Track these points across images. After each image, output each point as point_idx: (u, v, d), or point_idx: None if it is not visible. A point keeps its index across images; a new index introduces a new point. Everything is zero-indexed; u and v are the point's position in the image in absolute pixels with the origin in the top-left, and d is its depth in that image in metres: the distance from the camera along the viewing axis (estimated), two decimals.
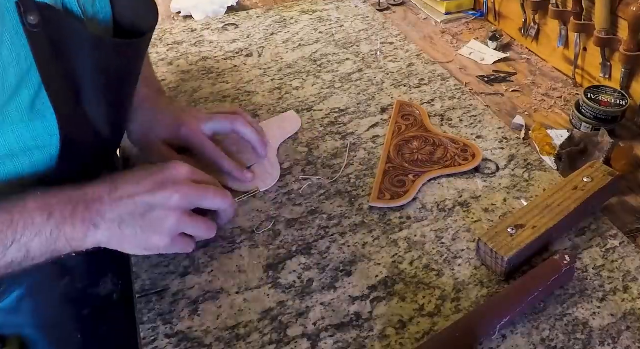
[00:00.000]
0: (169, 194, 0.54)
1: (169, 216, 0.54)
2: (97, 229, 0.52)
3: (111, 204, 0.53)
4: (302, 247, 0.62)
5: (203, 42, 1.04)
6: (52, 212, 0.50)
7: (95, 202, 0.53)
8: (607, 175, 0.64)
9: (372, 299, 0.57)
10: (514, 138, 0.77)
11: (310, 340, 0.53)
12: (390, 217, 0.66)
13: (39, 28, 0.47)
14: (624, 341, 0.52)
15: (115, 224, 0.53)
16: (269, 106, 0.86)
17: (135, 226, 0.53)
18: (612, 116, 0.77)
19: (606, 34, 0.80)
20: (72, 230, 0.51)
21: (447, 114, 0.83)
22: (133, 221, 0.53)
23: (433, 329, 0.54)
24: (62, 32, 0.50)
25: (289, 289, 0.58)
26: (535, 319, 0.54)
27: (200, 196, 0.57)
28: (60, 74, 0.53)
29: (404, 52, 0.99)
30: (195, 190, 0.56)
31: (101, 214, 0.52)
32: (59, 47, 0.51)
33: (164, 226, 0.54)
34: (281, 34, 1.06)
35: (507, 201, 0.68)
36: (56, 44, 0.50)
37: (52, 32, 0.49)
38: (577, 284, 0.57)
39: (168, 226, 0.54)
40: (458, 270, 0.59)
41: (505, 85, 0.92)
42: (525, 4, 0.98)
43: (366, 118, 0.82)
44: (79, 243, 0.52)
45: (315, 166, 0.74)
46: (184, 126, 0.70)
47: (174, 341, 0.53)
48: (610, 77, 0.85)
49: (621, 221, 0.66)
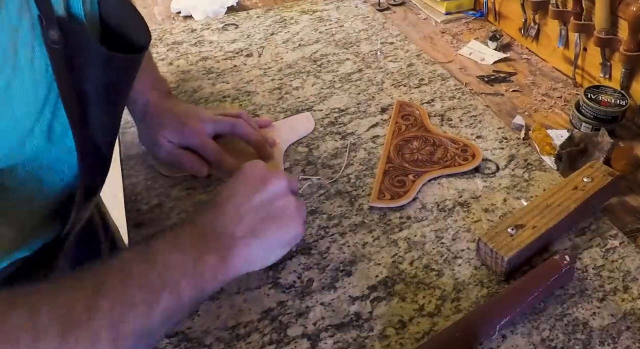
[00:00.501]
0: (275, 183, 0.54)
1: (289, 201, 0.54)
2: (235, 251, 0.50)
3: (234, 222, 0.51)
4: (302, 247, 0.62)
5: (203, 42, 1.04)
6: (184, 248, 0.48)
7: (218, 228, 0.51)
8: (607, 175, 0.64)
9: (372, 299, 0.57)
10: (514, 138, 0.78)
11: (310, 340, 0.53)
12: (390, 217, 0.66)
13: (60, 44, 0.46)
14: (624, 341, 0.52)
15: (251, 237, 0.51)
16: (269, 106, 0.86)
17: (270, 225, 0.52)
18: (612, 116, 0.77)
19: (606, 34, 0.80)
20: (210, 259, 0.48)
21: (447, 114, 0.83)
22: (264, 223, 0.52)
23: (433, 329, 0.54)
24: (78, 48, 0.49)
25: (289, 289, 0.58)
26: (535, 319, 0.54)
27: (290, 178, 0.57)
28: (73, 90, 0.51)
29: (404, 52, 0.99)
30: (285, 173, 0.57)
31: (232, 236, 0.50)
32: (75, 63, 0.49)
33: (292, 211, 0.54)
34: (281, 34, 1.06)
35: (507, 201, 0.68)
36: (72, 59, 0.48)
37: (70, 47, 0.47)
38: (577, 284, 0.57)
39: (295, 209, 0.54)
40: (458, 270, 0.59)
41: (505, 86, 0.92)
42: (525, 4, 0.98)
43: (366, 118, 0.82)
44: (222, 274, 0.49)
45: (315, 166, 0.74)
46: (187, 126, 0.71)
47: (174, 341, 0.53)
48: (610, 77, 0.85)
49: (621, 221, 0.66)
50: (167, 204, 0.69)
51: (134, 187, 0.72)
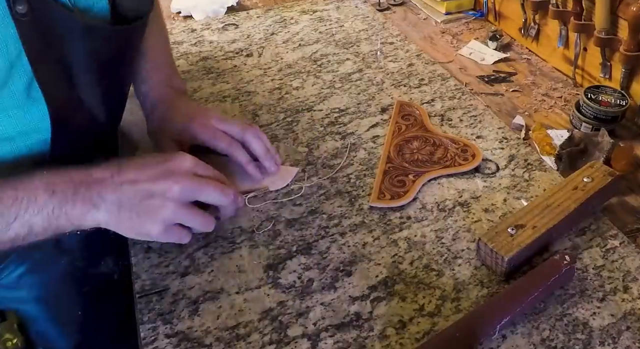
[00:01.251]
0: (169, 184, 0.55)
1: (165, 205, 0.55)
2: (97, 210, 0.53)
3: (113, 187, 0.54)
4: (302, 247, 0.62)
5: (203, 42, 1.04)
6: (55, 191, 0.52)
7: (98, 184, 0.54)
8: (607, 175, 0.64)
9: (372, 299, 0.57)
10: (514, 138, 0.77)
11: (310, 340, 0.53)
12: (390, 217, 0.66)
13: (27, 16, 0.50)
14: (624, 341, 0.52)
15: (115, 207, 0.54)
16: (269, 106, 0.86)
17: (132, 210, 0.54)
18: (612, 116, 0.77)
19: (606, 34, 0.80)
20: (72, 209, 0.52)
21: (447, 114, 0.83)
22: (130, 206, 0.54)
23: (433, 329, 0.54)
24: (51, 20, 0.52)
25: (289, 289, 0.58)
26: (535, 319, 0.54)
27: (200, 189, 0.57)
28: (51, 61, 0.55)
29: (404, 52, 0.99)
30: (195, 183, 0.57)
31: (102, 196, 0.54)
32: (49, 35, 0.53)
33: (158, 215, 0.55)
34: (281, 34, 1.06)
35: (507, 201, 0.68)
36: (45, 31, 0.52)
37: (41, 20, 0.51)
38: (577, 284, 0.57)
39: (163, 215, 0.55)
40: (458, 270, 0.59)
41: (505, 85, 0.92)
42: (525, 4, 0.98)
43: (366, 118, 0.82)
44: (79, 222, 0.54)
45: (315, 166, 0.74)
46: (195, 121, 0.69)
47: (174, 341, 0.53)
48: (610, 77, 0.85)
49: (621, 221, 0.66)
50: None
51: None
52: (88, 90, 0.61)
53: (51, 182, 0.53)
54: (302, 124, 0.82)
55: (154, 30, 0.75)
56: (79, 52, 0.57)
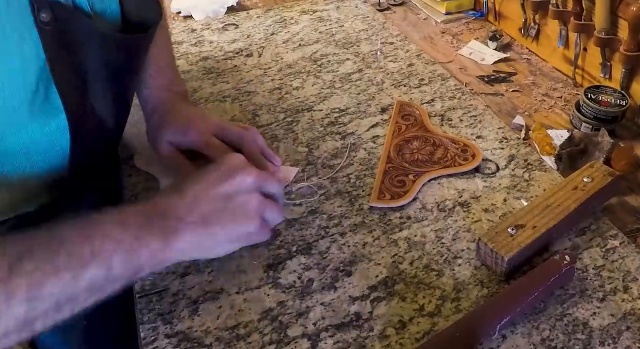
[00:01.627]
0: (241, 178, 0.54)
1: (251, 198, 0.53)
2: (180, 235, 0.49)
3: (188, 207, 0.51)
4: (302, 247, 0.62)
5: (203, 42, 1.04)
6: (127, 224, 0.47)
7: (170, 210, 0.50)
8: (607, 175, 0.64)
9: (372, 299, 0.57)
10: (514, 138, 0.78)
11: (310, 340, 0.53)
12: (390, 217, 0.66)
13: (50, 25, 0.48)
14: (624, 341, 0.52)
15: (200, 225, 0.50)
16: (269, 106, 0.86)
17: (221, 218, 0.51)
18: (612, 116, 0.77)
19: (606, 34, 0.80)
20: (152, 240, 0.48)
21: (447, 114, 0.83)
22: (218, 214, 0.51)
23: (433, 329, 0.54)
24: (72, 29, 0.51)
25: (289, 289, 0.58)
26: (535, 319, 0.54)
27: (267, 178, 0.56)
28: (69, 69, 0.53)
29: (404, 52, 0.99)
30: (261, 172, 0.56)
31: (181, 220, 0.50)
32: (69, 43, 0.52)
33: (250, 209, 0.53)
34: (281, 34, 1.06)
35: (507, 201, 0.68)
36: (66, 40, 0.51)
37: (63, 28, 0.50)
38: (577, 284, 0.57)
39: (254, 207, 0.53)
40: (458, 270, 0.59)
41: (505, 86, 0.92)
42: (525, 4, 0.98)
43: (366, 118, 0.82)
44: (162, 255, 0.49)
45: (315, 166, 0.74)
46: (192, 127, 0.69)
47: (174, 341, 0.53)
48: (610, 77, 0.85)
49: (621, 221, 0.66)
50: None
51: (134, 187, 0.72)
52: (99, 98, 0.60)
53: (119, 217, 0.48)
54: (302, 124, 0.82)
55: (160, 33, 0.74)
56: (95, 60, 0.56)
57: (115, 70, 0.60)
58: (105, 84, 0.60)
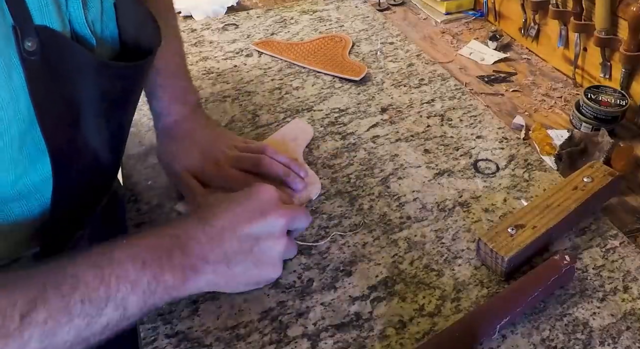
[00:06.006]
0: (272, 220, 0.50)
1: (277, 243, 0.51)
2: (200, 275, 0.47)
3: (212, 244, 0.48)
4: (302, 247, 0.62)
5: (203, 42, 1.04)
6: (145, 261, 0.45)
7: (192, 244, 0.47)
8: (607, 175, 0.64)
9: (372, 299, 0.57)
10: (514, 138, 0.78)
11: (310, 340, 0.53)
12: (391, 217, 0.66)
13: (37, 55, 0.43)
14: (624, 341, 0.52)
15: (222, 265, 0.48)
16: (269, 106, 0.86)
17: (246, 261, 0.49)
18: (612, 116, 0.77)
19: (606, 34, 0.80)
20: (170, 279, 0.45)
21: (447, 114, 0.83)
22: (242, 257, 0.49)
23: (433, 329, 0.54)
24: (63, 58, 0.46)
25: (289, 289, 0.58)
26: (535, 319, 0.54)
27: (295, 218, 0.53)
28: (57, 104, 0.47)
29: (404, 52, 0.99)
30: (290, 213, 0.52)
31: (203, 257, 0.47)
32: (58, 74, 0.46)
33: (276, 256, 0.51)
34: (281, 34, 1.06)
35: (507, 201, 0.68)
36: (54, 70, 0.45)
37: (51, 58, 0.44)
38: (577, 284, 0.57)
39: (279, 255, 0.51)
40: (458, 270, 0.59)
41: (505, 85, 0.92)
42: (525, 4, 0.98)
43: (366, 118, 0.82)
44: (178, 293, 0.46)
45: (315, 166, 0.74)
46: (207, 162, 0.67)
47: (174, 341, 0.53)
48: (610, 77, 0.85)
49: (621, 221, 0.66)
50: (167, 204, 0.69)
51: (134, 187, 0.71)
52: (93, 132, 0.54)
53: (136, 252, 0.45)
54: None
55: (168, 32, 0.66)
56: (89, 91, 0.50)
57: (113, 101, 0.55)
58: (101, 117, 0.54)
